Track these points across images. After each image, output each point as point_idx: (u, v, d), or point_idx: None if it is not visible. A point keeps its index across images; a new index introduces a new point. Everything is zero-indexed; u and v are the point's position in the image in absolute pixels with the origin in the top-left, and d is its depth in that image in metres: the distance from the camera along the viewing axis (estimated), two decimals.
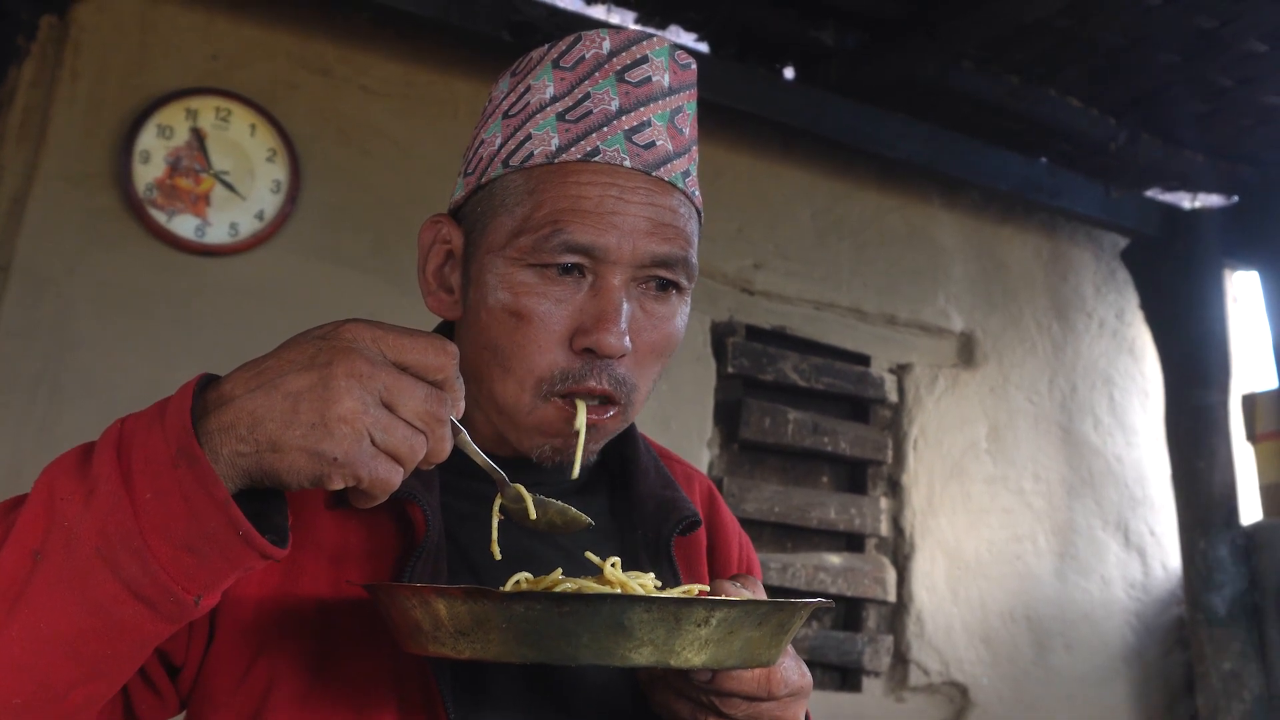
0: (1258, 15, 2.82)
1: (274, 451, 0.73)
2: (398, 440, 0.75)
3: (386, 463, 0.75)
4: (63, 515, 0.73)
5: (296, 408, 0.73)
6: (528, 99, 0.98)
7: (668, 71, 0.99)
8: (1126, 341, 3.96)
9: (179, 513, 0.72)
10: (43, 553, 0.72)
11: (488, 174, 0.99)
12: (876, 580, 3.32)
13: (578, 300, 0.94)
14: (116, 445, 0.74)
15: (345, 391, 0.73)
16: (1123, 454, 3.84)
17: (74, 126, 2.57)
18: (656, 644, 0.74)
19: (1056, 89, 3.31)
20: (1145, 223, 3.78)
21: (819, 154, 3.45)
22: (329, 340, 0.76)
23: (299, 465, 0.73)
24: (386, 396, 0.75)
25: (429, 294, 1.04)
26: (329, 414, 0.72)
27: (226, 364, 2.72)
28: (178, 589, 0.73)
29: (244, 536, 0.73)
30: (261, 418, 0.73)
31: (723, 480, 3.15)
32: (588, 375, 0.94)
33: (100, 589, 0.72)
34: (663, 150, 0.96)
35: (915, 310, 3.56)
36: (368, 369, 0.74)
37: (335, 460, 0.73)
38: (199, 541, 0.73)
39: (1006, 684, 3.45)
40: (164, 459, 0.72)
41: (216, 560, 0.74)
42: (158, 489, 0.72)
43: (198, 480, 0.72)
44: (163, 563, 0.72)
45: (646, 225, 0.94)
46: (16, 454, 2.41)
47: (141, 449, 0.73)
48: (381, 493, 0.77)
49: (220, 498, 0.72)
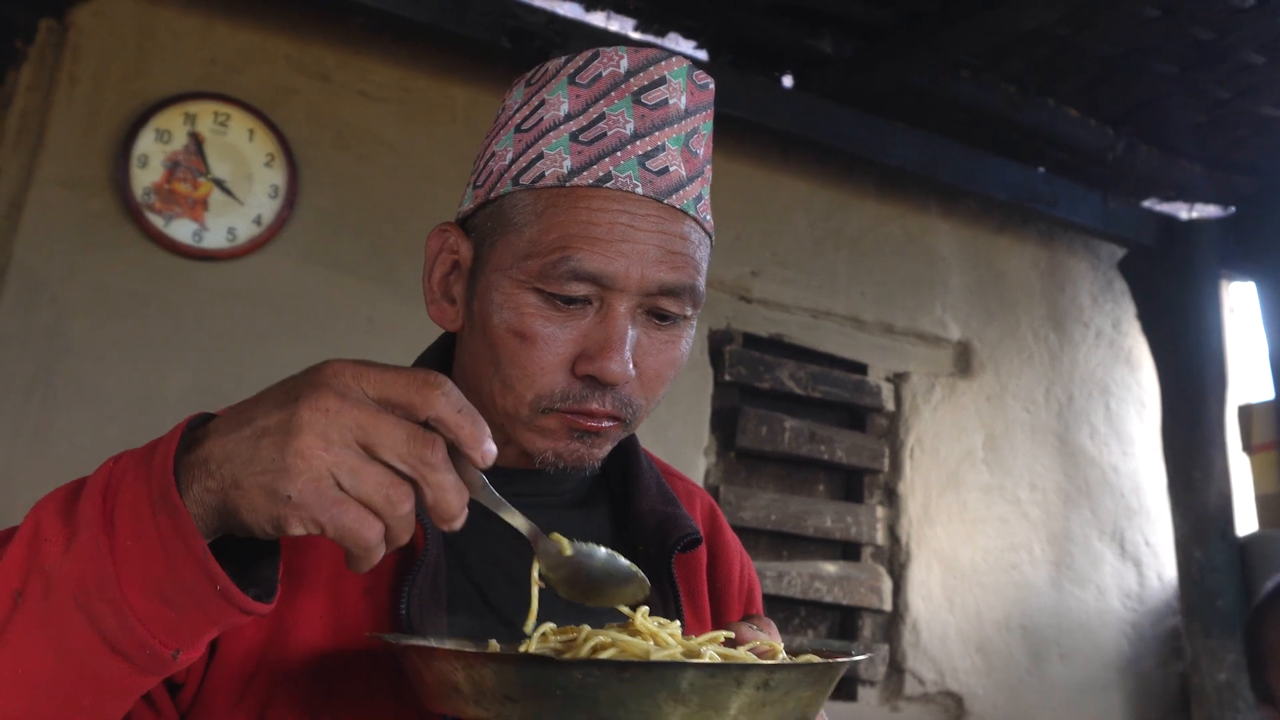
0: (1255, 27, 2.83)
1: (235, 489, 0.68)
2: (369, 486, 0.68)
3: (356, 510, 0.68)
4: (43, 557, 0.70)
5: (259, 444, 0.68)
6: (541, 114, 0.97)
7: (685, 93, 0.97)
8: (1123, 351, 3.97)
9: (158, 563, 0.69)
10: (23, 595, 0.70)
11: (497, 189, 0.97)
12: (872, 589, 3.31)
13: (583, 325, 0.93)
14: (104, 487, 0.72)
15: (307, 426, 0.67)
16: (1119, 464, 3.84)
17: (72, 130, 2.57)
18: (715, 707, 0.72)
19: (1054, 98, 3.32)
20: (1142, 233, 3.79)
21: (817, 162, 3.45)
22: (306, 377, 0.71)
23: (256, 505, 0.68)
24: (361, 435, 0.68)
25: (432, 303, 1.03)
26: (288, 451, 0.67)
27: (222, 370, 2.70)
28: (155, 643, 0.70)
29: (222, 592, 0.70)
30: (229, 454, 0.69)
31: (719, 488, 3.15)
32: (589, 398, 0.93)
33: (77, 638, 0.69)
34: (676, 176, 0.95)
35: (912, 319, 3.56)
36: (336, 404, 0.68)
37: (289, 500, 0.67)
38: (177, 595, 0.69)
39: (1002, 693, 3.45)
40: (145, 506, 0.69)
41: (195, 615, 0.71)
42: (138, 537, 0.69)
43: (176, 530, 0.68)
44: (140, 616, 0.69)
45: (656, 253, 0.93)
46: (10, 458, 2.40)
47: (128, 493, 0.70)
48: (356, 547, 0.69)
49: (198, 551, 0.68)
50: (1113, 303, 3.99)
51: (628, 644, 0.80)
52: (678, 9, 2.99)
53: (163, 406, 2.52)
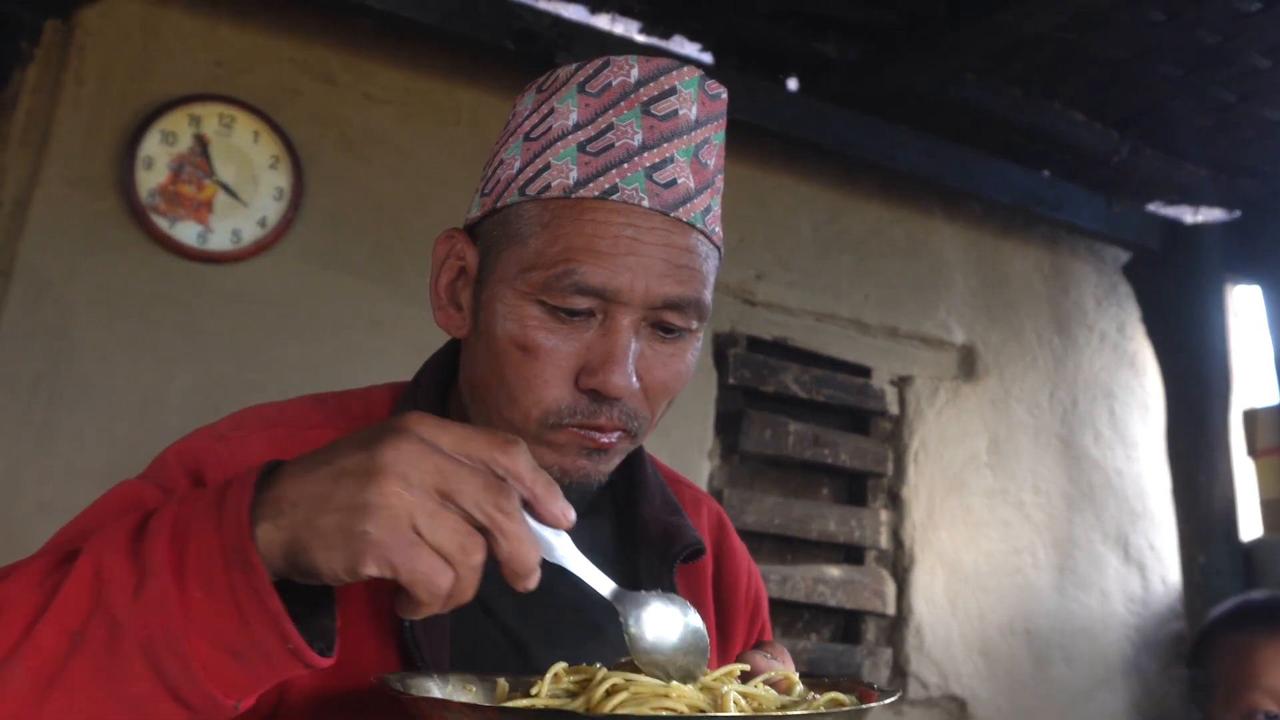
0: (1260, 30, 2.83)
1: (308, 528, 0.68)
2: (445, 532, 0.68)
3: (430, 557, 0.68)
4: (109, 602, 0.70)
5: (338, 483, 0.68)
6: (550, 123, 0.96)
7: (696, 104, 0.96)
8: (1127, 355, 3.96)
9: (229, 618, 0.69)
10: (84, 637, 0.69)
11: (504, 198, 0.96)
12: (876, 593, 3.31)
13: (586, 338, 0.93)
14: (171, 532, 0.71)
15: (390, 466, 0.68)
16: (1123, 468, 3.84)
17: (77, 131, 2.57)
18: None
19: (1059, 102, 3.31)
20: (1147, 236, 3.78)
21: (821, 165, 3.45)
22: (387, 424, 0.71)
23: (332, 543, 0.68)
24: (440, 481, 0.69)
25: (438, 309, 1.03)
26: (369, 490, 0.67)
27: (227, 371, 2.70)
28: (218, 694, 0.70)
29: (294, 650, 0.70)
30: (305, 494, 0.69)
31: (723, 492, 3.14)
32: (596, 413, 0.93)
33: (139, 685, 0.69)
34: (683, 189, 0.94)
35: (916, 322, 3.56)
36: (419, 449, 0.69)
37: (367, 536, 0.67)
38: (247, 649, 0.69)
39: (1005, 697, 3.44)
40: (218, 558, 0.69)
41: (261, 668, 0.71)
42: (209, 590, 0.69)
43: (250, 587, 0.68)
44: (206, 667, 0.69)
45: (661, 267, 0.92)
46: (15, 459, 2.41)
47: (196, 542, 0.70)
48: (425, 595, 0.68)
49: (274, 609, 0.69)
50: (1117, 306, 3.99)
51: (643, 685, 0.77)
52: (683, 12, 2.99)
53: (168, 407, 2.52)
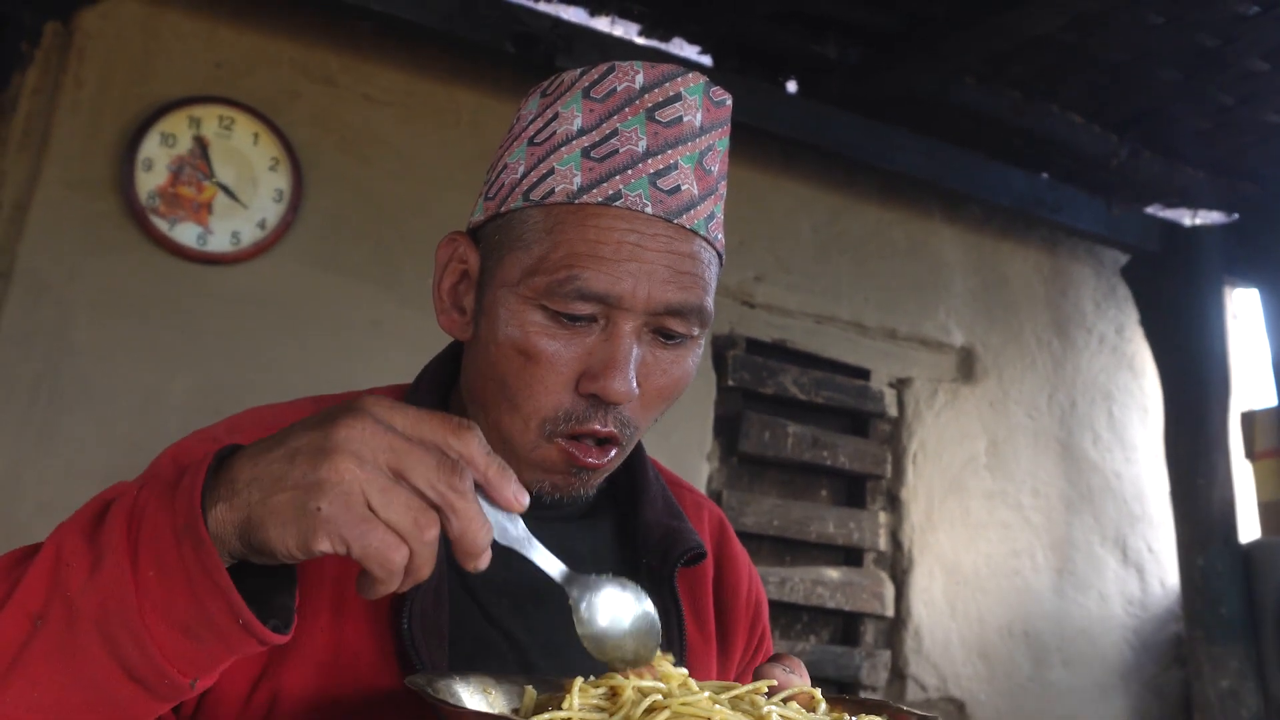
0: (1259, 34, 2.83)
1: (263, 506, 0.69)
2: (398, 508, 0.69)
3: (382, 532, 0.68)
4: (66, 583, 0.71)
5: (292, 462, 0.69)
6: (554, 128, 0.96)
7: (700, 110, 0.96)
8: (1126, 357, 3.96)
9: (181, 594, 0.70)
10: (44, 620, 0.71)
11: (508, 203, 0.96)
12: (875, 595, 3.31)
13: (588, 344, 0.93)
14: (129, 514, 0.72)
15: (342, 444, 0.69)
16: (1121, 470, 3.84)
17: (77, 133, 2.57)
18: None
19: (1058, 104, 3.32)
20: (1146, 239, 3.78)
21: (820, 167, 3.45)
22: (343, 405, 0.72)
23: (285, 519, 0.68)
24: (392, 459, 0.70)
25: (441, 312, 1.03)
26: (323, 467, 0.68)
27: (226, 372, 2.70)
28: (173, 671, 0.71)
29: (245, 625, 0.70)
30: (259, 474, 0.70)
31: (722, 494, 3.14)
32: (591, 418, 0.93)
33: (96, 666, 0.70)
34: (687, 195, 0.94)
35: (915, 324, 3.56)
36: (371, 427, 0.70)
37: (319, 513, 0.67)
38: (199, 626, 0.70)
39: (1004, 700, 3.44)
40: (169, 536, 0.70)
41: (215, 645, 0.71)
42: (161, 567, 0.70)
43: (200, 562, 0.69)
44: (160, 645, 0.70)
45: (664, 273, 0.92)
46: (15, 459, 2.41)
47: (151, 521, 0.71)
48: (379, 569, 0.69)
49: (222, 583, 0.69)
50: (1116, 309, 3.99)
51: (685, 704, 0.75)
52: (682, 14, 3.00)
53: (167, 409, 2.52)
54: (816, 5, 2.91)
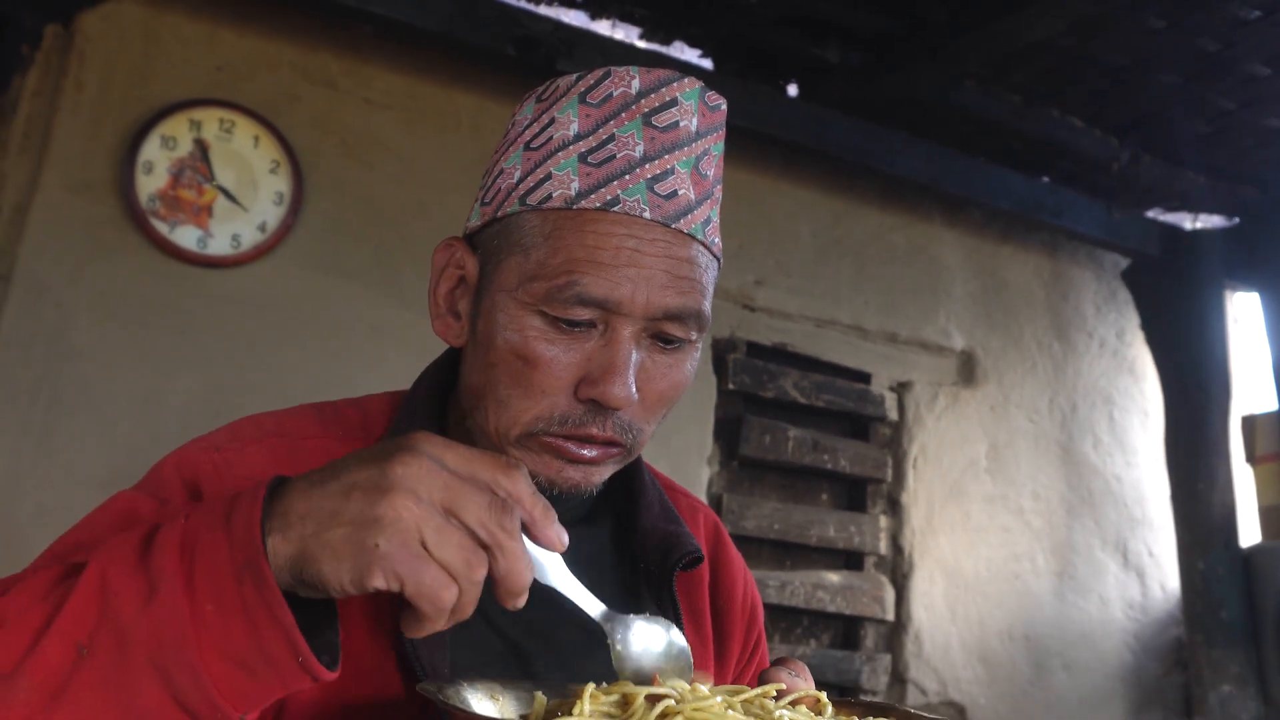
0: (1260, 39, 2.83)
1: (316, 540, 0.69)
2: (451, 547, 0.69)
3: (436, 572, 0.69)
4: (117, 613, 0.70)
5: (348, 496, 0.69)
6: (551, 133, 0.95)
7: (696, 115, 0.96)
8: (1127, 361, 3.96)
9: (240, 631, 0.69)
10: (90, 649, 0.70)
11: (505, 208, 0.96)
12: (875, 599, 3.31)
13: (587, 349, 0.92)
14: (180, 545, 0.71)
15: (400, 482, 0.69)
16: (1122, 474, 3.84)
17: (77, 136, 2.57)
18: None
19: (1059, 109, 3.32)
20: (1146, 243, 3.79)
21: (821, 171, 3.45)
22: (396, 442, 0.72)
23: (341, 555, 0.69)
24: (446, 498, 0.70)
25: (437, 317, 1.02)
26: (381, 504, 0.69)
27: (227, 375, 2.69)
28: (227, 706, 0.71)
29: (303, 662, 0.70)
30: (314, 508, 0.70)
31: (722, 497, 3.14)
32: (589, 422, 0.93)
33: (146, 697, 0.70)
34: (684, 200, 0.94)
35: (916, 328, 3.56)
36: (427, 466, 0.70)
37: (376, 549, 0.68)
38: (256, 662, 0.70)
39: (1004, 704, 3.44)
40: (228, 571, 0.69)
41: (271, 681, 0.71)
42: (220, 603, 0.69)
43: (262, 600, 0.69)
44: (215, 679, 0.70)
45: (663, 278, 0.92)
46: (15, 463, 2.41)
47: (206, 555, 0.70)
48: (430, 608, 0.69)
49: (286, 622, 0.69)
50: (1116, 313, 3.99)
51: (698, 708, 0.76)
52: (683, 17, 3.00)
53: (167, 412, 2.52)
54: (817, 9, 2.91)
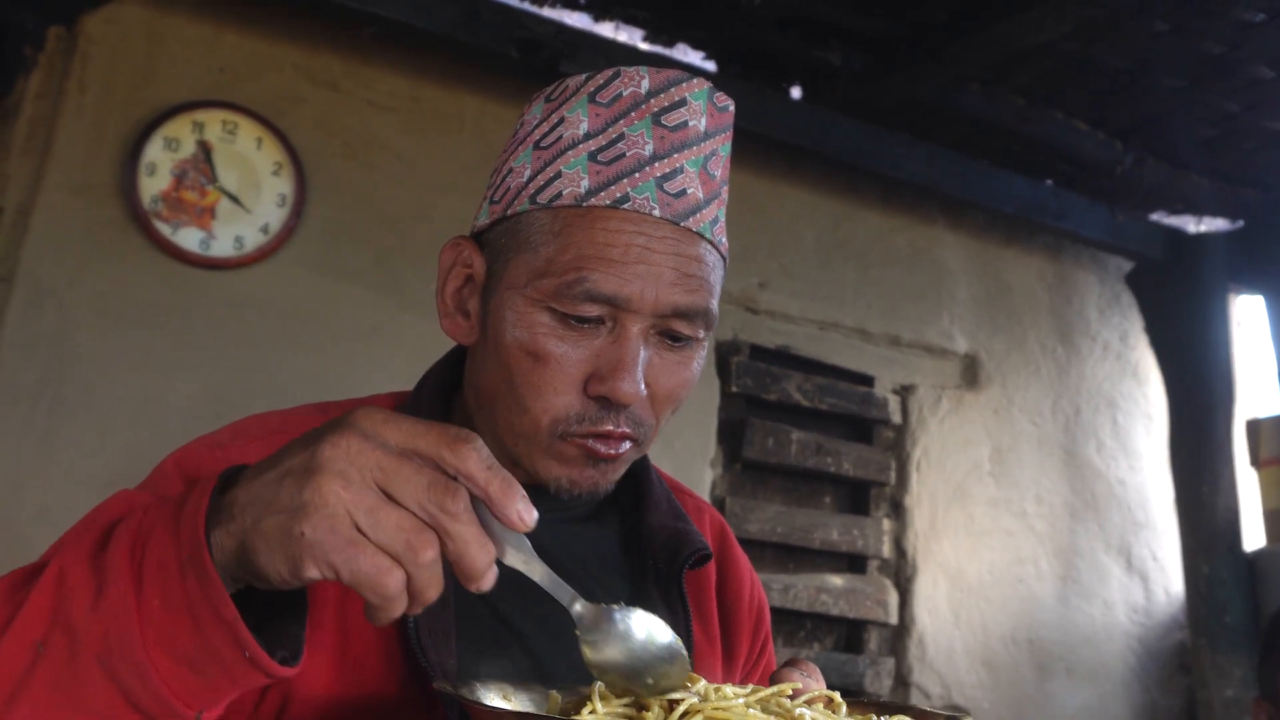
0: (1264, 41, 2.83)
1: (254, 531, 0.67)
2: (388, 529, 0.65)
3: (373, 556, 0.65)
4: (69, 611, 0.69)
5: (281, 484, 0.66)
6: (560, 132, 0.96)
7: (705, 115, 0.97)
8: (1130, 365, 3.95)
9: (185, 628, 0.68)
10: (46, 648, 0.69)
11: (514, 206, 0.97)
12: (878, 602, 3.30)
13: (595, 345, 0.93)
14: (132, 541, 0.70)
15: (327, 464, 0.65)
16: (1126, 478, 3.83)
17: (80, 138, 2.57)
18: None
19: (1062, 111, 3.31)
20: (1150, 246, 3.78)
21: (824, 174, 3.45)
22: (333, 421, 0.69)
23: (272, 545, 0.66)
24: (381, 477, 0.65)
25: (445, 316, 1.03)
26: (305, 488, 0.65)
27: (229, 378, 2.69)
28: (179, 704, 0.69)
29: (252, 659, 0.68)
30: (253, 498, 0.68)
31: (725, 500, 3.14)
32: (603, 419, 0.93)
33: (98, 697, 0.69)
34: (693, 199, 0.95)
35: (919, 331, 3.56)
36: (359, 444, 0.66)
37: (303, 538, 0.64)
38: (204, 660, 0.68)
39: (1008, 708, 3.43)
40: (174, 567, 0.68)
41: (220, 679, 0.70)
42: (165, 599, 0.68)
43: (205, 595, 0.67)
44: (164, 678, 0.68)
45: (671, 275, 0.93)
46: (17, 465, 2.40)
47: (155, 551, 0.69)
48: (372, 595, 0.65)
49: (227, 617, 0.67)
50: (1120, 316, 3.98)
51: (719, 709, 0.74)
52: (686, 20, 3.00)
53: (169, 414, 2.52)
54: (820, 11, 2.90)
